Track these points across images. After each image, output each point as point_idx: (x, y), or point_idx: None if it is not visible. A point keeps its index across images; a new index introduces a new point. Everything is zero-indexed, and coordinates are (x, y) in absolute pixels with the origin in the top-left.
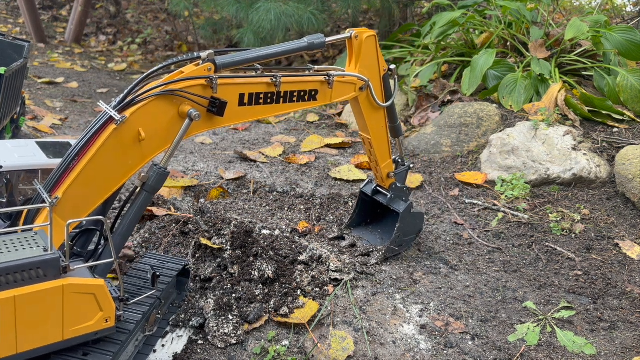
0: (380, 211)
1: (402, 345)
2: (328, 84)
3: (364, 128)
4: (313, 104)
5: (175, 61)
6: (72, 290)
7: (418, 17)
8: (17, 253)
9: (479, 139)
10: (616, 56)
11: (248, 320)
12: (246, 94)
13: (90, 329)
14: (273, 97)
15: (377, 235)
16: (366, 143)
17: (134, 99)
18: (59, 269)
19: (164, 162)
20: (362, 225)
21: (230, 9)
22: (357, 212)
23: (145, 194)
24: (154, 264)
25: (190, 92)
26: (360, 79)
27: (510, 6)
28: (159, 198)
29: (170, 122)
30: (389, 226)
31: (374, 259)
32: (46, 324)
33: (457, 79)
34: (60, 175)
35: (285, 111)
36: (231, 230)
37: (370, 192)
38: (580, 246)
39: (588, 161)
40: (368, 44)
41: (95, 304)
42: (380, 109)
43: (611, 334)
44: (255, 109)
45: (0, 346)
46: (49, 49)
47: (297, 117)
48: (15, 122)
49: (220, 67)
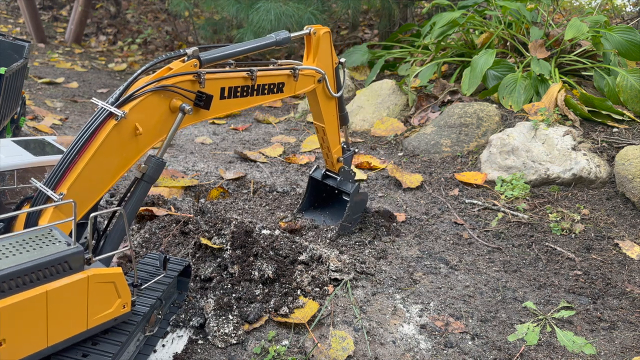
0: (326, 195)
1: (402, 345)
2: (294, 76)
3: (319, 117)
4: (280, 96)
5: (165, 58)
6: (95, 280)
7: (418, 17)
8: (43, 250)
9: (479, 139)
10: (616, 56)
11: (248, 320)
12: (226, 88)
13: (110, 316)
14: (248, 90)
15: (327, 216)
16: (319, 131)
17: (131, 96)
18: (83, 261)
19: (160, 153)
20: (311, 209)
21: (231, 9)
22: (307, 197)
23: (144, 183)
24: (155, 264)
25: (181, 87)
26: (318, 72)
27: (510, 6)
28: (159, 198)
29: (163, 116)
30: (337, 207)
31: (329, 235)
32: (73, 315)
33: (457, 79)
34: (63, 172)
35: (257, 103)
36: (231, 230)
37: (320, 177)
38: (580, 246)
39: (588, 161)
40: (324, 40)
41: (115, 292)
42: (333, 99)
43: (611, 333)
44: (233, 102)
45: (33, 342)
46: (49, 49)
47: (297, 117)
48: (16, 122)
49: (204, 62)
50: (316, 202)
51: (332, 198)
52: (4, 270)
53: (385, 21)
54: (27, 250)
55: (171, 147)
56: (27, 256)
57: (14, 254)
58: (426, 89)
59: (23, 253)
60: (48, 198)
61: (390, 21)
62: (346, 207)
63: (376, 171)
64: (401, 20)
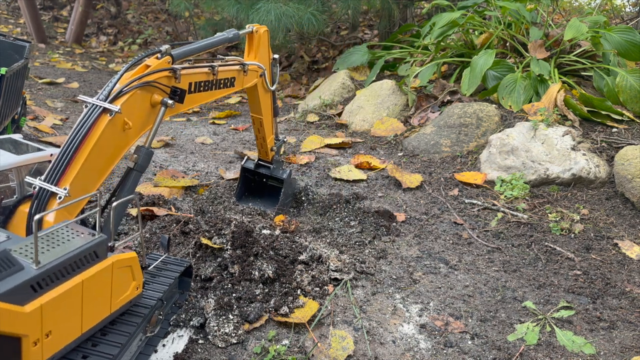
0: (255, 184)
1: (402, 344)
2: (244, 71)
3: (257, 110)
4: (231, 90)
5: (145, 55)
6: (118, 266)
7: (418, 18)
8: (72, 242)
9: (479, 139)
10: (615, 56)
11: (248, 319)
12: (193, 83)
13: (127, 299)
14: (209, 85)
15: (262, 202)
16: (256, 122)
17: (120, 92)
18: (107, 249)
19: (147, 143)
20: (244, 197)
21: (231, 10)
22: (240, 187)
23: (135, 173)
24: (156, 264)
25: (160, 83)
26: (260, 67)
27: (510, 7)
28: (159, 198)
29: (146, 110)
30: (270, 193)
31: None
32: (101, 300)
33: (456, 79)
34: (64, 168)
35: (214, 97)
36: (231, 230)
37: (253, 167)
38: (580, 246)
39: (587, 161)
40: (264, 37)
41: (131, 275)
42: (269, 92)
43: (610, 333)
44: (197, 96)
45: (71, 331)
46: (50, 49)
47: (297, 118)
48: (16, 122)
49: (176, 58)
50: (247, 191)
51: (263, 185)
52: (49, 265)
53: (385, 21)
54: (58, 244)
55: (171, 147)
56: (61, 249)
57: (48, 250)
58: (426, 89)
59: (56, 247)
60: (52, 194)
61: (390, 21)
62: (281, 192)
63: (376, 171)
64: (401, 20)
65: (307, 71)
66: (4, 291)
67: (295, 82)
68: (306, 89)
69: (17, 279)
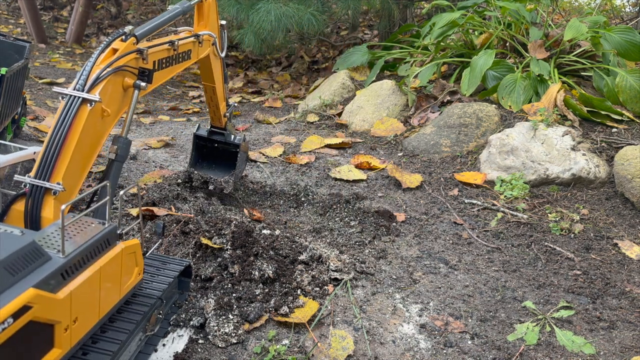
0: (207, 151)
1: (402, 344)
2: (199, 42)
3: (209, 78)
4: (188, 63)
5: (111, 40)
6: (126, 252)
7: (418, 18)
8: (86, 231)
9: (478, 139)
10: (615, 57)
11: (248, 319)
12: (157, 61)
13: (132, 285)
14: (170, 60)
15: (217, 169)
16: (209, 90)
17: (96, 79)
18: (116, 236)
19: (124, 133)
20: (197, 164)
21: (231, 10)
22: (194, 155)
23: (116, 163)
24: (155, 264)
25: (130, 66)
26: (211, 36)
27: (510, 7)
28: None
29: (120, 94)
30: (224, 159)
31: (228, 189)
32: (113, 286)
33: (456, 80)
34: (53, 163)
35: (174, 73)
36: (231, 230)
37: (206, 134)
38: (579, 246)
39: (587, 161)
40: (213, 6)
41: (134, 261)
42: (219, 59)
43: (610, 333)
44: (161, 73)
45: (91, 317)
46: (50, 49)
47: (297, 118)
48: (17, 122)
49: (140, 37)
50: (200, 158)
51: (217, 153)
52: (73, 253)
53: (385, 22)
54: (75, 234)
55: (172, 147)
56: (80, 238)
57: (66, 240)
58: (426, 89)
59: (73, 237)
60: (46, 189)
61: (390, 22)
62: (237, 158)
63: (376, 171)
64: (401, 20)
65: (307, 71)
66: (41, 280)
67: (295, 82)
68: (306, 89)
69: (49, 267)
